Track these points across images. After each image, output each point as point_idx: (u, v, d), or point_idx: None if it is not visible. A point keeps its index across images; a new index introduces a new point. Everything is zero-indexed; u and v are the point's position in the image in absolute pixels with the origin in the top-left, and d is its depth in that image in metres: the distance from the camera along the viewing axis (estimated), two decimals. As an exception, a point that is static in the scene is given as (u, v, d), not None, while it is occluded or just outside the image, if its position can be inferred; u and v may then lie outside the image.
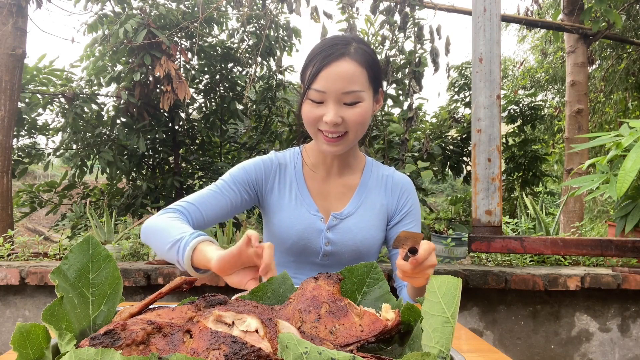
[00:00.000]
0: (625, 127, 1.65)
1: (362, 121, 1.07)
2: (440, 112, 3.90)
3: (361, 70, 1.05)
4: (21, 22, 2.86)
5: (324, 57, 1.04)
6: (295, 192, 1.20)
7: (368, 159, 1.28)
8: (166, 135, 3.43)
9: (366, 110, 1.07)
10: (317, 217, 1.18)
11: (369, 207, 1.20)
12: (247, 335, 0.50)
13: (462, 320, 2.01)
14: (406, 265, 0.81)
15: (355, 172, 1.24)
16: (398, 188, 1.23)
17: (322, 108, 1.05)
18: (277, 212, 1.19)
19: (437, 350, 0.49)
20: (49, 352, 0.50)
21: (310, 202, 1.19)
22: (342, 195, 1.21)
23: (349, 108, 1.05)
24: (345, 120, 1.06)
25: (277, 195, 1.20)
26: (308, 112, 1.07)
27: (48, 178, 8.62)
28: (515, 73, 10.05)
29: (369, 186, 1.22)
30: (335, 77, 1.02)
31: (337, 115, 1.04)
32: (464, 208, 4.05)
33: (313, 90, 1.04)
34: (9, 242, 2.29)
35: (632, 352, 1.98)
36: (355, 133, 1.09)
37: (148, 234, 1.04)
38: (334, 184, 1.22)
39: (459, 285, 0.52)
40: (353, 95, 1.04)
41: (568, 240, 1.58)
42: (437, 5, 2.96)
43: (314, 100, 1.06)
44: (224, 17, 3.58)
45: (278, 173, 1.21)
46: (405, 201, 1.23)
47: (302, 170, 1.22)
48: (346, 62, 1.03)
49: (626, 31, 5.25)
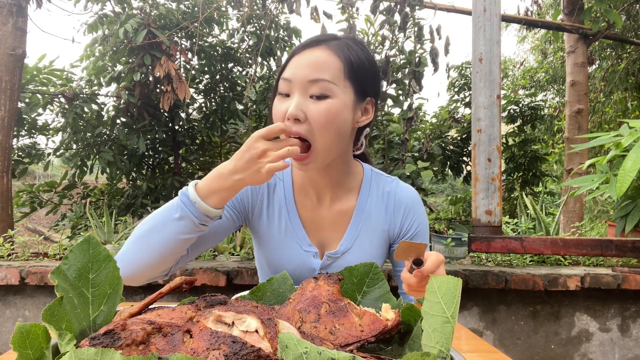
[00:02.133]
0: (625, 127, 1.65)
1: (327, 120, 0.86)
2: (440, 112, 3.90)
3: (335, 60, 0.89)
4: (21, 22, 2.86)
5: (300, 46, 0.92)
6: (285, 221, 1.03)
7: (366, 173, 1.08)
8: (166, 135, 3.43)
9: (335, 108, 0.87)
10: (309, 254, 1.03)
11: (368, 236, 1.04)
12: (247, 335, 0.50)
13: (462, 320, 2.01)
14: (412, 279, 0.74)
15: (351, 193, 1.05)
16: (401, 208, 1.06)
17: (288, 102, 0.88)
18: (267, 242, 1.04)
19: (437, 350, 0.49)
20: (49, 352, 0.50)
21: (302, 234, 1.03)
22: (336, 224, 1.04)
23: (314, 102, 0.87)
24: (308, 117, 0.86)
25: (265, 222, 1.04)
26: (275, 109, 0.91)
27: (48, 178, 8.62)
28: (515, 73, 10.05)
29: (367, 209, 1.05)
30: (303, 64, 0.88)
31: (299, 107, 0.85)
32: (464, 208, 4.05)
33: (281, 80, 0.90)
34: (9, 242, 2.29)
35: (632, 352, 1.98)
36: (322, 137, 0.87)
37: (142, 237, 0.88)
38: (326, 210, 1.04)
39: (459, 285, 0.52)
40: (320, 85, 0.86)
41: (568, 240, 1.58)
42: (437, 5, 2.96)
43: (281, 93, 0.90)
44: (224, 17, 3.58)
45: (267, 195, 1.04)
46: (410, 223, 1.06)
47: (293, 193, 1.04)
48: (319, 50, 0.89)
49: (626, 31, 5.25)
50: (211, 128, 3.69)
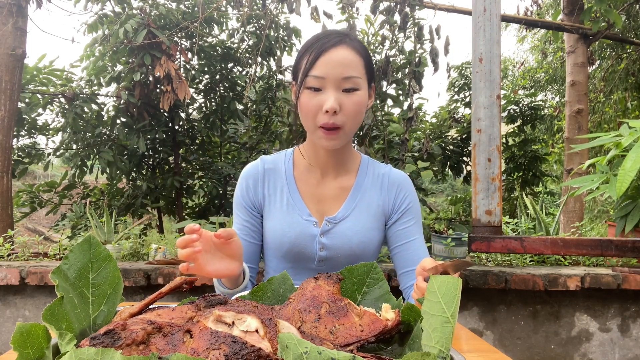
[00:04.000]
0: (625, 127, 1.65)
1: (358, 110, 1.06)
2: (440, 112, 3.90)
3: (358, 58, 1.05)
4: (21, 22, 2.86)
5: (322, 44, 1.03)
6: (287, 197, 1.17)
7: (364, 158, 1.24)
8: (166, 135, 3.42)
9: (363, 99, 1.06)
10: (309, 222, 1.14)
11: (365, 209, 1.17)
12: (247, 335, 0.50)
13: (462, 320, 2.01)
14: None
15: (350, 173, 1.20)
16: (395, 186, 1.20)
17: (321, 95, 1.03)
18: (269, 219, 1.17)
19: (437, 350, 0.49)
20: (49, 352, 0.50)
21: (302, 206, 1.16)
22: (336, 197, 1.18)
23: (347, 95, 1.04)
24: (343, 109, 1.03)
25: (268, 202, 1.18)
26: (307, 102, 1.05)
27: (48, 178, 8.62)
28: (515, 73, 10.05)
29: (364, 186, 1.19)
30: (334, 63, 1.02)
31: (337, 101, 1.02)
32: (464, 208, 4.05)
33: (312, 77, 1.03)
34: (9, 242, 2.29)
35: (632, 352, 1.98)
36: (352, 124, 1.07)
37: None
38: (328, 186, 1.18)
39: (459, 285, 0.52)
40: (352, 81, 1.03)
41: (568, 240, 1.58)
42: (437, 5, 2.96)
43: (312, 88, 1.04)
44: (224, 17, 3.57)
45: (266, 181, 1.19)
46: (402, 198, 1.19)
47: (293, 173, 1.19)
48: (344, 49, 1.04)
49: (626, 31, 5.25)
50: (211, 128, 3.69)
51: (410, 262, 1.16)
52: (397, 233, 1.18)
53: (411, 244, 1.17)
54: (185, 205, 3.81)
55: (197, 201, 3.93)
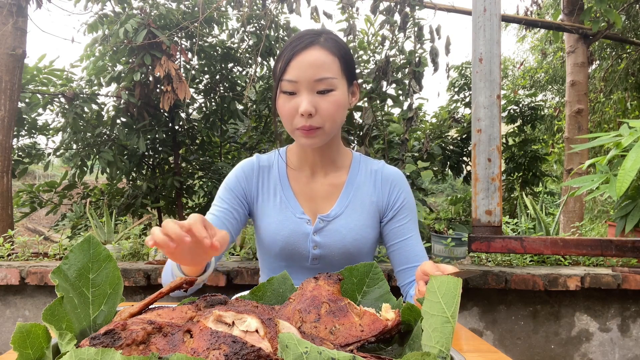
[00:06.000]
0: (625, 127, 1.65)
1: (336, 110, 1.04)
2: (440, 112, 3.90)
3: (332, 58, 1.03)
4: (21, 22, 2.86)
5: (293, 47, 1.02)
6: (280, 195, 1.16)
7: (355, 155, 1.23)
8: (166, 135, 3.42)
9: (340, 99, 1.04)
10: (302, 220, 1.14)
11: (358, 206, 1.16)
12: (247, 335, 0.50)
13: (462, 320, 2.01)
14: None
15: (342, 170, 1.20)
16: (388, 182, 1.19)
17: (296, 99, 1.02)
18: (263, 217, 1.16)
19: (437, 350, 0.49)
20: (49, 352, 0.50)
21: (295, 204, 1.16)
22: (329, 195, 1.17)
23: (322, 97, 1.02)
24: (319, 111, 1.02)
25: (261, 200, 1.17)
26: (282, 106, 1.05)
27: (48, 178, 8.62)
28: (515, 73, 10.05)
29: (357, 183, 1.18)
30: (306, 65, 1.01)
31: (311, 104, 1.01)
32: (464, 208, 4.05)
33: (285, 81, 1.02)
34: (9, 242, 2.29)
35: (632, 352, 1.98)
36: (331, 124, 1.05)
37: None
38: (319, 183, 1.18)
39: (459, 285, 0.52)
40: (326, 82, 1.01)
41: (568, 240, 1.58)
42: (437, 5, 2.96)
43: (286, 92, 1.03)
44: (224, 17, 3.57)
45: (260, 177, 1.18)
46: (397, 195, 1.18)
47: (286, 171, 1.19)
48: (316, 50, 1.02)
49: (626, 31, 5.25)
50: (211, 128, 3.69)
51: (407, 260, 1.16)
52: (393, 231, 1.18)
53: (407, 241, 1.17)
54: (185, 205, 3.81)
55: (197, 201, 3.93)
